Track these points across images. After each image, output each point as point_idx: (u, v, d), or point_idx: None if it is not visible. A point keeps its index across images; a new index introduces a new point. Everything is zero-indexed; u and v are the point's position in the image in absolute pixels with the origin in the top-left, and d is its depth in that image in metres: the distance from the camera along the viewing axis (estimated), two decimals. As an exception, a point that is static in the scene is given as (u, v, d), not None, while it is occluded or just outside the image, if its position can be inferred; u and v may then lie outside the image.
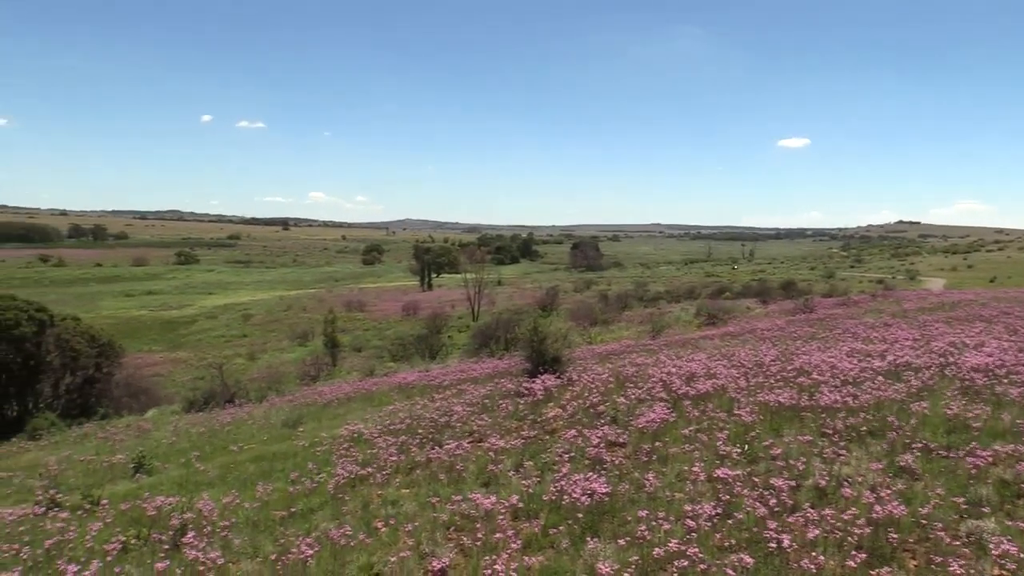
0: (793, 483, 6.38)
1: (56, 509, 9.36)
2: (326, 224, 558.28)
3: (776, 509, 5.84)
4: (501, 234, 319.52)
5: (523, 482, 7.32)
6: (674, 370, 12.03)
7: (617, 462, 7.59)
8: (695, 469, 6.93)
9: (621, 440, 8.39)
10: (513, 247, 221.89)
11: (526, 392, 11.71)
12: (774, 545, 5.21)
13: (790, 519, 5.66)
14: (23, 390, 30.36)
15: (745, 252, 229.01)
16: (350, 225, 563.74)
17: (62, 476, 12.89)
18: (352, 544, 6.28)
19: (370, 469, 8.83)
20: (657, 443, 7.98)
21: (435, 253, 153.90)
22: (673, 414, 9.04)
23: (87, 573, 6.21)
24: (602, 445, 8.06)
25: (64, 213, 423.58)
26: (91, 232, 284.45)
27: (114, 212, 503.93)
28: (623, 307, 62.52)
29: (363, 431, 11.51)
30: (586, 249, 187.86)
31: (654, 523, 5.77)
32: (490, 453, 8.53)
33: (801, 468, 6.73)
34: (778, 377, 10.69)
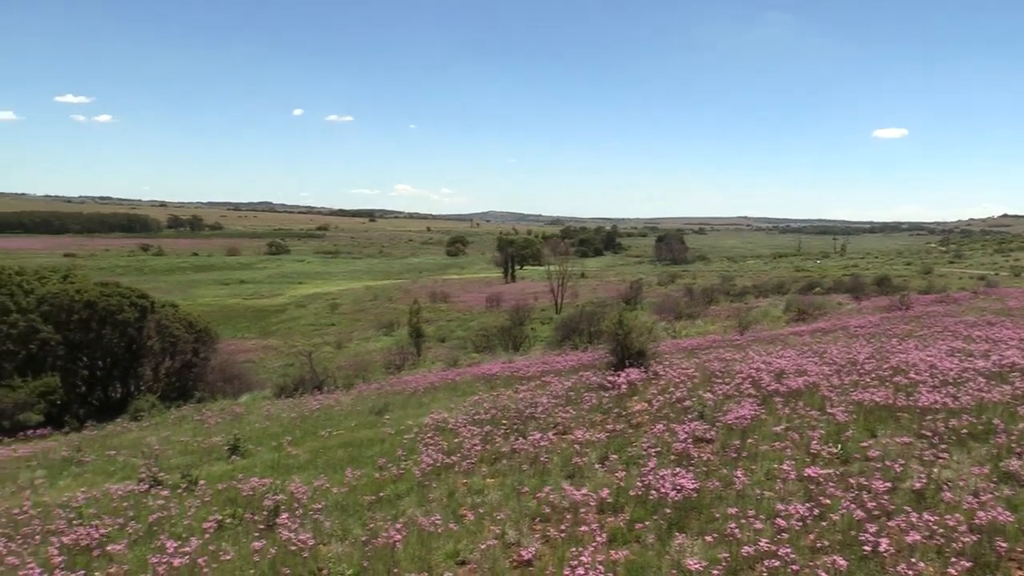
0: (889, 485, 6.16)
1: (158, 487, 9.78)
2: (411, 216, 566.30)
3: (873, 512, 5.65)
4: (585, 226, 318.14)
5: (608, 475, 7.29)
6: (763, 366, 11.78)
7: (704, 458, 7.48)
8: (786, 467, 6.76)
9: (708, 436, 8.27)
10: (597, 239, 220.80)
11: (610, 385, 11.64)
12: (869, 549, 5.04)
13: (888, 522, 5.48)
14: (126, 373, 31.80)
15: (837, 246, 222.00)
16: (435, 217, 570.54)
17: (163, 456, 13.44)
18: (439, 531, 6.36)
19: (455, 458, 8.93)
20: (746, 440, 7.83)
21: (518, 245, 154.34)
22: (762, 411, 8.85)
23: (186, 549, 6.47)
24: (689, 440, 7.96)
25: (164, 205, 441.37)
26: (188, 223, 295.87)
27: (210, 204, 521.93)
28: (709, 301, 61.45)
29: (448, 420, 11.65)
30: (671, 242, 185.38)
31: (743, 521, 5.66)
32: (575, 445, 8.53)
33: (898, 470, 6.50)
34: (873, 376, 10.34)
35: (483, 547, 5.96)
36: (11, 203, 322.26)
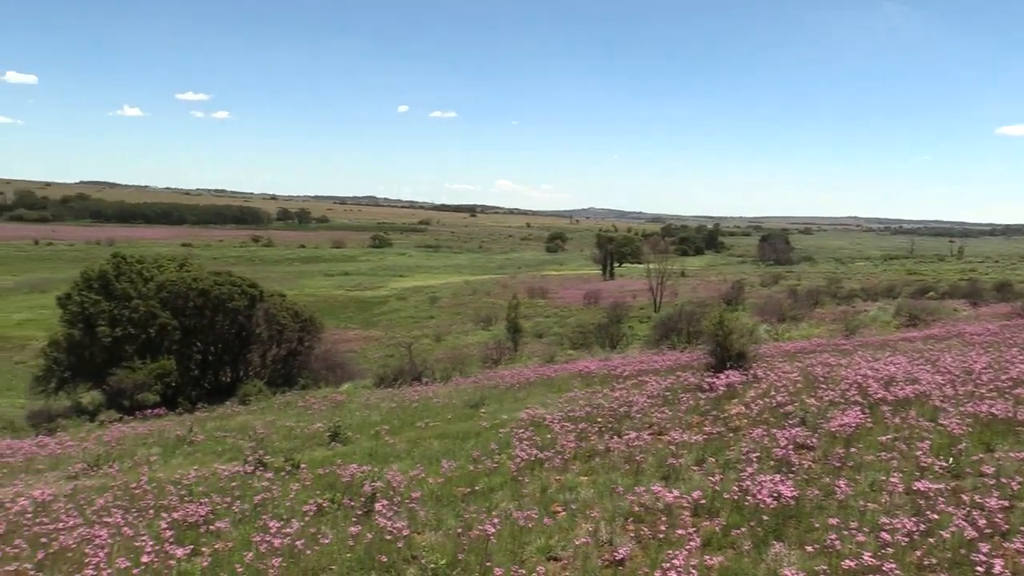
0: (1005, 503, 5.84)
1: (262, 469, 10.16)
2: (511, 211, 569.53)
3: (986, 531, 5.36)
4: (686, 224, 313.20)
5: (705, 478, 7.16)
6: (870, 372, 11.33)
7: (805, 466, 7.26)
8: (892, 480, 6.49)
9: (810, 443, 8.01)
10: (698, 238, 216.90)
11: (709, 387, 11.44)
12: (982, 570, 4.79)
13: (1003, 543, 5.19)
14: (236, 359, 33.15)
15: (953, 249, 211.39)
16: (535, 213, 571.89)
17: (267, 439, 13.94)
18: (531, 526, 6.39)
19: (549, 453, 8.94)
20: (850, 449, 7.55)
21: (618, 242, 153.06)
22: (869, 419, 8.52)
23: (288, 530, 6.70)
24: (790, 447, 7.73)
25: (274, 198, 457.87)
26: (296, 216, 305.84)
27: (317, 197, 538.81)
28: (814, 304, 59.53)
29: (543, 416, 11.67)
30: (775, 242, 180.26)
31: (845, 533, 5.47)
32: (670, 446, 8.41)
33: (1015, 488, 6.15)
34: (990, 387, 9.81)
35: (575, 544, 5.95)
36: (134, 195, 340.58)
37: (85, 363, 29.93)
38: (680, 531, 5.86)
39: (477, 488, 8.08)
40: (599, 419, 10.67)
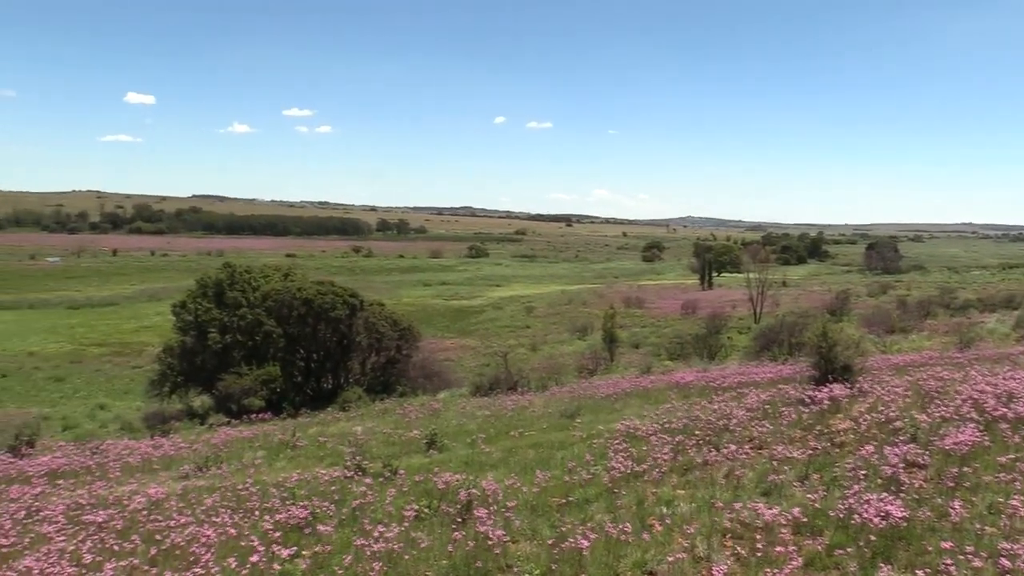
0: None
1: (361, 474, 10.37)
2: (608, 221, 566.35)
3: (1119, 559, 5.00)
4: (787, 233, 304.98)
5: (807, 495, 6.92)
6: (987, 388, 10.74)
7: (916, 485, 6.93)
8: (1013, 502, 6.12)
9: (921, 461, 7.64)
10: (800, 247, 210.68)
11: (811, 401, 11.06)
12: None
13: None
14: (337, 366, 34.05)
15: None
16: (631, 222, 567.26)
17: (366, 445, 14.22)
18: (627, 539, 6.31)
19: (645, 466, 8.82)
20: (965, 468, 7.17)
21: (716, 251, 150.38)
22: (986, 437, 8.06)
23: (387, 534, 6.82)
24: (899, 465, 7.39)
25: (374, 209, 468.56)
26: (395, 226, 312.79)
27: (415, 208, 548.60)
28: (925, 315, 57.01)
29: (639, 427, 11.53)
30: (883, 250, 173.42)
31: (960, 557, 5.18)
32: (772, 462, 8.17)
33: None
34: (1123, 405, 9.15)
35: (671, 559, 5.84)
36: (243, 207, 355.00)
37: (196, 369, 31.30)
38: (780, 549, 5.67)
39: (572, 499, 8.03)
40: (697, 432, 10.47)
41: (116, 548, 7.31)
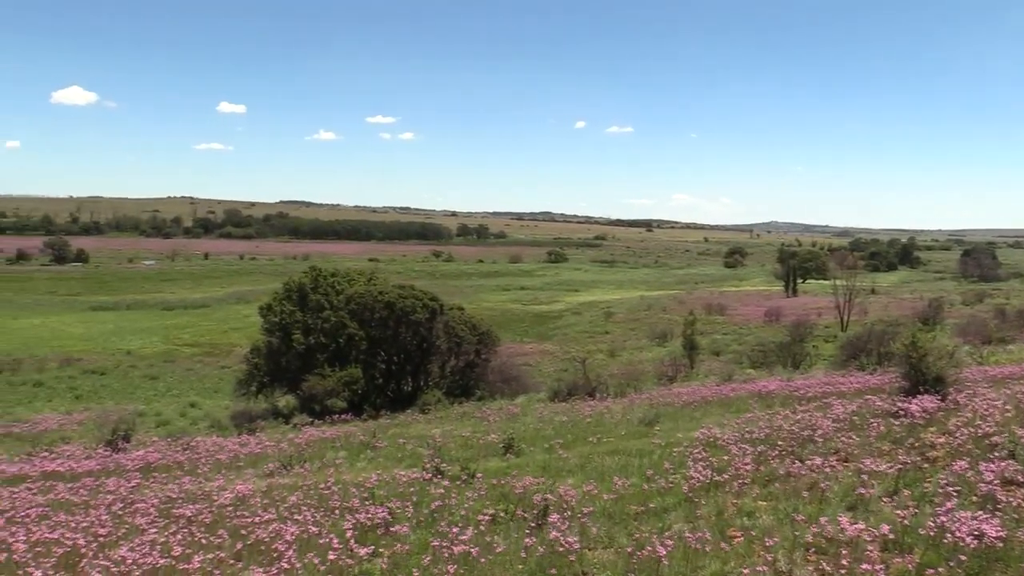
0: None
1: (439, 476, 10.47)
2: (688, 226, 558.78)
3: None
4: (876, 238, 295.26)
5: (896, 512, 6.67)
6: (1094, 403, 10.18)
7: (1015, 504, 6.60)
8: (1121, 524, 5.79)
9: (1020, 479, 7.29)
10: (890, 253, 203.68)
11: (901, 413, 10.67)
12: None
13: None
14: (417, 369, 34.47)
15: None
16: (712, 227, 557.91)
17: (445, 448, 14.35)
18: (706, 549, 6.20)
19: (725, 476, 8.65)
20: (1068, 487, 6.80)
21: (801, 257, 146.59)
22: (1092, 455, 7.64)
23: (463, 536, 6.87)
24: (996, 482, 7.07)
25: (454, 214, 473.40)
26: (476, 231, 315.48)
27: (495, 213, 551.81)
28: (1025, 325, 54.34)
29: (719, 436, 11.33)
30: (979, 256, 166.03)
31: (1062, 581, 4.92)
32: (859, 475, 7.91)
33: None
34: None
35: (751, 572, 5.71)
36: (328, 213, 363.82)
37: (282, 369, 32.15)
38: (866, 566, 5.48)
39: (650, 507, 7.95)
40: (779, 442, 10.22)
41: (204, 541, 7.56)
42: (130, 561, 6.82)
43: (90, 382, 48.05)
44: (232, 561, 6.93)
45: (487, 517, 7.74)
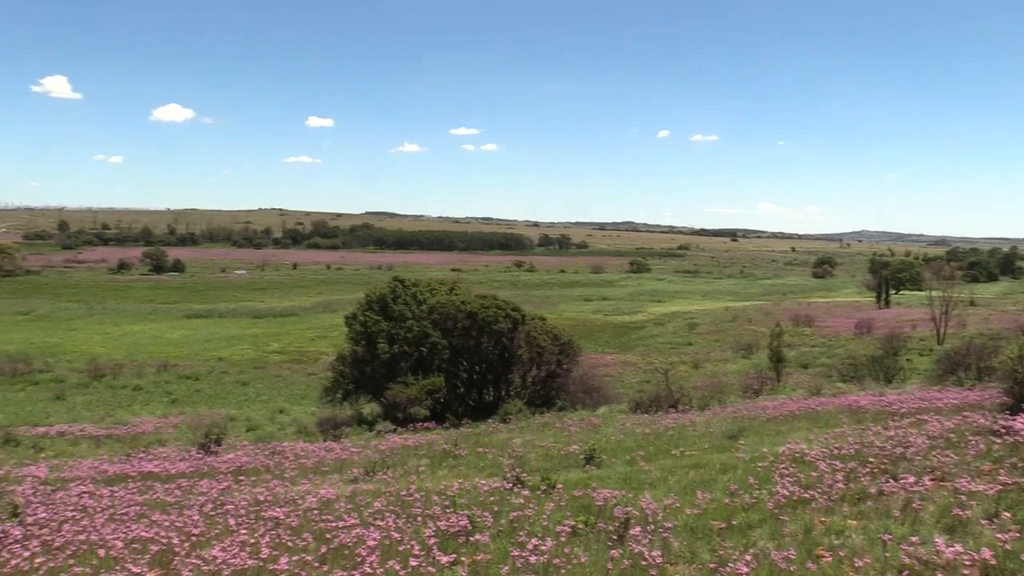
0: None
1: (519, 486, 10.48)
2: (775, 235, 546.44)
3: None
4: (975, 247, 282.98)
5: (997, 535, 6.36)
6: None
7: None
8: None
9: None
10: (991, 263, 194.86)
11: (1003, 431, 10.18)
12: None
13: None
14: (498, 378, 34.62)
15: None
16: (800, 236, 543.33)
17: (525, 458, 14.37)
18: (791, 568, 6.03)
19: (813, 493, 8.41)
20: None
21: (894, 267, 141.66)
22: None
23: (543, 547, 6.85)
24: (1107, 506, 6.67)
25: (536, 224, 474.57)
26: (557, 241, 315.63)
27: (577, 223, 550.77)
28: None
29: (806, 452, 11.02)
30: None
31: None
32: (956, 495, 7.57)
33: None
34: None
35: (841, 593, 5.52)
36: (411, 223, 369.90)
37: (366, 377, 32.74)
38: (966, 591, 5.24)
39: (734, 523, 7.78)
40: (871, 459, 9.87)
41: (290, 544, 7.75)
42: (220, 561, 7.03)
43: (185, 387, 49.91)
44: (317, 564, 7.08)
45: (567, 528, 7.70)
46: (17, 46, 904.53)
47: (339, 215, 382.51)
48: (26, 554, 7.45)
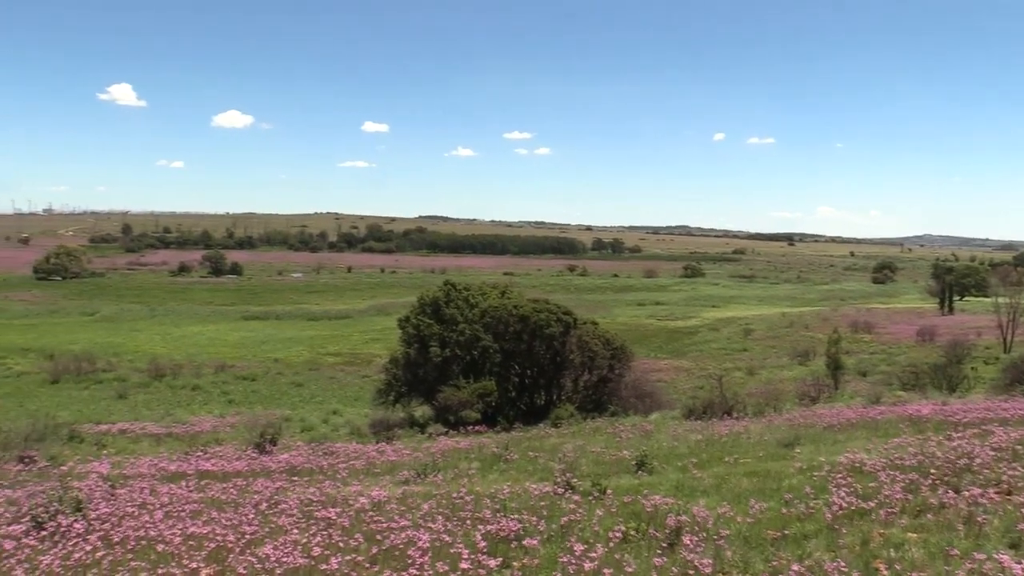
0: None
1: (570, 491, 10.42)
2: (833, 239, 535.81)
3: None
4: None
5: (1067, 551, 6.12)
6: None
7: None
8: None
9: None
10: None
11: (1074, 443, 9.81)
12: None
13: None
14: (550, 383, 34.58)
15: None
16: (859, 241, 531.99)
17: (576, 463, 14.28)
18: (848, 581, 5.88)
19: (871, 504, 8.19)
20: None
21: (958, 273, 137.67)
22: None
23: (593, 554, 6.78)
24: None
25: (589, 228, 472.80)
26: (610, 245, 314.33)
27: (631, 227, 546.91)
28: None
29: (865, 461, 10.76)
30: None
31: None
32: (1022, 509, 7.31)
33: None
34: None
35: (900, 608, 5.36)
36: (464, 228, 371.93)
37: (418, 380, 33.00)
38: (1033, 609, 5.04)
39: (788, 533, 7.62)
40: (932, 470, 9.59)
41: (341, 544, 7.81)
42: (273, 559, 7.13)
43: (242, 388, 50.93)
44: (368, 565, 7.12)
45: (618, 535, 7.63)
46: (85, 55, 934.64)
47: (393, 219, 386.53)
48: (88, 548, 7.65)
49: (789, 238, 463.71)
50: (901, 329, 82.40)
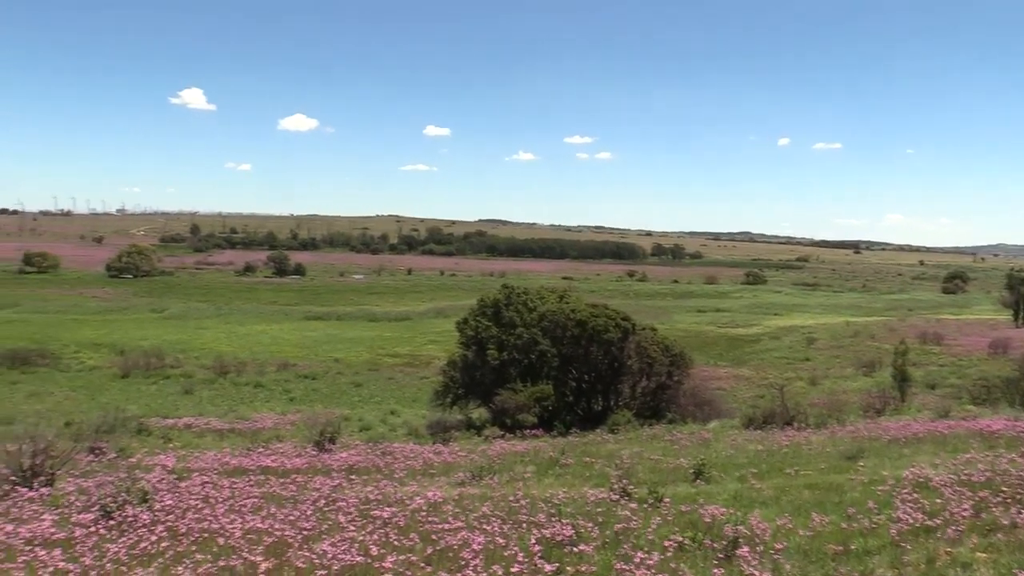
0: None
1: (626, 499, 10.36)
2: (901, 248, 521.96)
3: None
4: None
5: None
6: None
7: None
8: None
9: None
10: None
11: None
12: None
13: None
14: (607, 388, 34.36)
15: None
16: (929, 249, 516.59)
17: (632, 470, 14.18)
18: (913, 600, 5.72)
19: (938, 521, 7.96)
20: None
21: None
22: None
23: (649, 562, 6.73)
24: None
25: (649, 234, 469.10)
26: (670, 251, 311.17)
27: (691, 233, 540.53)
28: None
29: (931, 477, 10.46)
30: None
31: None
32: (1099, 531, 7.02)
33: None
34: None
35: (967, 629, 5.19)
36: (524, 231, 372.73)
37: (476, 382, 33.12)
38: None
39: (851, 548, 7.46)
40: (1004, 488, 9.27)
41: (397, 543, 7.90)
42: (330, 556, 7.23)
43: (303, 386, 51.77)
44: (422, 565, 7.18)
45: (674, 544, 7.55)
46: (158, 60, 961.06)
47: (453, 222, 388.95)
48: (153, 538, 7.88)
49: (855, 246, 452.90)
50: (972, 341, 79.73)
